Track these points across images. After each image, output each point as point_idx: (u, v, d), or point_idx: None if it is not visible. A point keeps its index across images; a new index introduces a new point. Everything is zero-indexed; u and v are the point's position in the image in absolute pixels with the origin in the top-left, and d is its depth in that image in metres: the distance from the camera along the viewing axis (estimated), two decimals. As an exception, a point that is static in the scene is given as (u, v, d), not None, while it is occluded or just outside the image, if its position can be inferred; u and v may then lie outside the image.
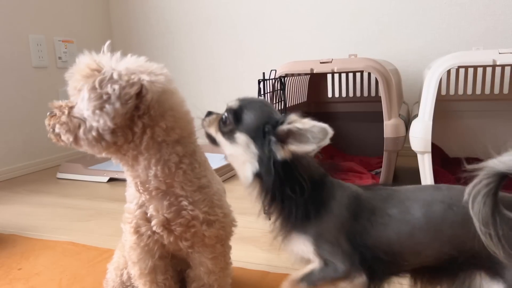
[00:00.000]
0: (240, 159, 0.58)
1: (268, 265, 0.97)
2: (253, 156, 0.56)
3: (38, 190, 1.74)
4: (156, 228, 0.67)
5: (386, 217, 0.56)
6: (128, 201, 0.71)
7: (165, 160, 0.65)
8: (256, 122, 0.57)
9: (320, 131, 0.51)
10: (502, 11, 1.81)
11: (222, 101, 0.65)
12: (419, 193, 0.59)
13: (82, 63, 0.62)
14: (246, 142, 0.57)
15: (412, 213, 0.55)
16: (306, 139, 0.52)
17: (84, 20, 2.40)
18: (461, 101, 1.77)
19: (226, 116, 0.59)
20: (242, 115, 0.58)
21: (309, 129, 0.52)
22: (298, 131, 0.52)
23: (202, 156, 0.71)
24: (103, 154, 0.66)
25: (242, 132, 0.57)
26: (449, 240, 0.54)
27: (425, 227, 0.55)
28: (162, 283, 0.73)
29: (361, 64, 1.32)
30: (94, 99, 0.60)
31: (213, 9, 2.33)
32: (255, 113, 0.58)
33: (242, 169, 0.58)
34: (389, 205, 0.57)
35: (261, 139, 0.56)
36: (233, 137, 0.58)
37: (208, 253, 0.72)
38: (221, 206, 0.73)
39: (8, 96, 1.97)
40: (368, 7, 2.02)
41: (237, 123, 0.58)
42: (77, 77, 0.62)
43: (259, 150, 0.56)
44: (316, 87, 2.02)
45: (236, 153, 0.58)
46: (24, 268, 1.01)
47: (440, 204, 0.55)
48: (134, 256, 0.71)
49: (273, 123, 0.56)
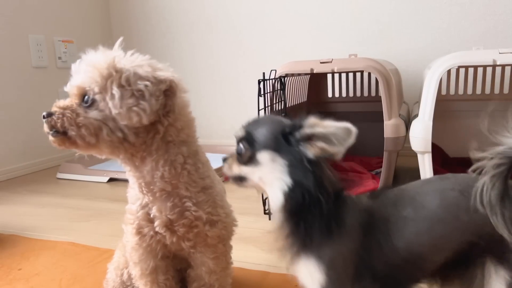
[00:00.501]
0: (269, 178, 0.54)
1: (268, 265, 0.97)
2: (282, 170, 0.52)
3: (38, 190, 1.74)
4: (159, 228, 0.67)
5: (401, 221, 0.54)
6: (130, 202, 0.71)
7: (172, 161, 0.65)
8: (271, 134, 0.54)
9: (344, 132, 0.50)
10: (503, 11, 1.81)
11: (222, 101, 0.65)
12: (427, 185, 0.58)
13: (98, 61, 0.60)
14: (270, 157, 0.53)
15: (427, 207, 0.54)
16: (330, 142, 0.50)
17: (84, 20, 2.40)
18: (461, 101, 1.77)
19: (240, 147, 0.56)
20: (254, 136, 0.55)
21: (333, 132, 0.50)
22: (322, 135, 0.50)
23: (204, 157, 0.71)
24: (120, 157, 0.64)
25: (262, 150, 0.54)
26: (467, 227, 0.53)
27: (443, 218, 0.53)
28: (163, 283, 0.73)
29: (361, 64, 1.31)
30: (128, 96, 0.58)
31: (213, 9, 2.33)
32: (265, 127, 0.55)
33: (273, 190, 0.53)
34: (401, 206, 0.55)
35: (285, 147, 0.53)
36: (255, 160, 0.54)
37: (210, 253, 0.71)
38: (223, 206, 0.73)
39: (8, 96, 1.97)
40: (368, 7, 2.02)
41: (253, 146, 0.54)
42: (94, 76, 0.59)
43: (287, 158, 0.52)
44: (316, 87, 2.02)
45: (264, 173, 0.54)
46: (24, 268, 1.01)
47: (451, 192, 0.54)
48: (135, 256, 0.71)
49: (290, 128, 0.53)
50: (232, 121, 2.39)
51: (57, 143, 0.62)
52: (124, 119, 0.59)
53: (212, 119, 2.39)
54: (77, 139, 0.60)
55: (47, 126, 0.61)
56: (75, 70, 0.62)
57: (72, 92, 0.62)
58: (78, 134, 0.60)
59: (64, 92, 0.64)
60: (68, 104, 0.61)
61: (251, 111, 1.39)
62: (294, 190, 0.51)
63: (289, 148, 0.52)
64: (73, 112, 0.60)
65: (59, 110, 0.61)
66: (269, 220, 1.23)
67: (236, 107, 2.36)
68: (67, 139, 0.61)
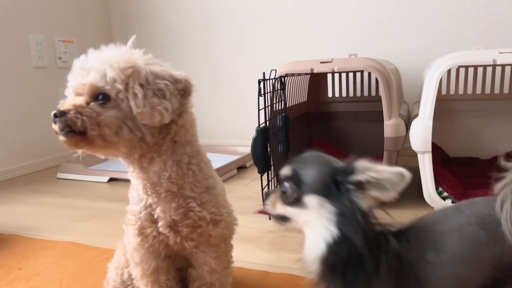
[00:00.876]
0: (315, 224, 0.51)
1: (268, 265, 0.97)
2: (329, 218, 0.49)
3: (38, 190, 1.74)
4: (163, 229, 0.66)
5: (426, 266, 0.51)
6: (132, 203, 0.70)
7: (178, 161, 0.65)
8: (321, 177, 0.51)
9: (398, 177, 0.47)
10: (503, 10, 1.81)
11: (222, 100, 0.65)
12: (445, 223, 0.55)
13: (114, 58, 0.59)
14: (318, 202, 0.50)
15: (448, 250, 0.52)
16: (384, 188, 0.48)
17: (84, 20, 2.40)
18: (461, 100, 1.77)
19: (286, 186, 0.52)
20: (301, 177, 0.51)
21: (387, 178, 0.47)
22: (376, 181, 0.48)
23: (206, 157, 0.72)
24: (130, 158, 0.62)
25: (310, 194, 0.51)
26: (489, 262, 0.52)
27: (466, 260, 0.52)
28: (164, 283, 0.72)
29: (361, 63, 1.31)
30: (150, 96, 0.58)
31: (214, 9, 2.33)
32: (314, 168, 0.52)
33: (315, 238, 0.50)
34: (424, 250, 0.52)
35: (335, 193, 0.49)
36: (302, 203, 0.51)
37: (212, 252, 0.71)
38: (225, 206, 0.73)
39: (8, 96, 1.97)
40: (368, 7, 2.02)
41: (300, 188, 0.51)
42: (112, 74, 0.58)
43: (337, 206, 0.49)
44: (316, 87, 2.02)
45: (310, 218, 0.51)
46: (25, 268, 1.01)
47: (469, 227, 0.52)
48: (137, 257, 0.71)
49: (340, 173, 0.50)
50: (232, 121, 2.39)
51: (69, 143, 0.59)
52: (146, 118, 0.58)
53: (212, 119, 2.39)
54: (96, 139, 0.58)
55: (60, 125, 0.57)
56: (82, 67, 0.60)
57: (81, 90, 0.59)
58: (100, 133, 0.57)
59: (63, 91, 0.64)
60: (82, 103, 0.58)
61: (251, 111, 1.40)
62: (340, 243, 0.48)
63: (339, 195, 0.49)
64: (93, 111, 0.57)
65: (73, 109, 0.57)
66: (269, 220, 1.23)
67: (236, 107, 2.37)
68: (83, 139, 0.58)
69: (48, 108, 0.63)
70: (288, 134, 1.40)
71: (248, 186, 1.67)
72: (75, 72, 0.61)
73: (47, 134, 0.64)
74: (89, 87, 0.58)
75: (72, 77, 0.61)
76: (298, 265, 0.56)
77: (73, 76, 0.61)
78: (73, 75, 0.61)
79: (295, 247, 1.07)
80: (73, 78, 0.61)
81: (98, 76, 0.58)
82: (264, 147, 1.20)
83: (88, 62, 0.60)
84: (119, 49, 0.62)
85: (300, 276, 0.91)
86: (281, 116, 1.38)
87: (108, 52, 0.61)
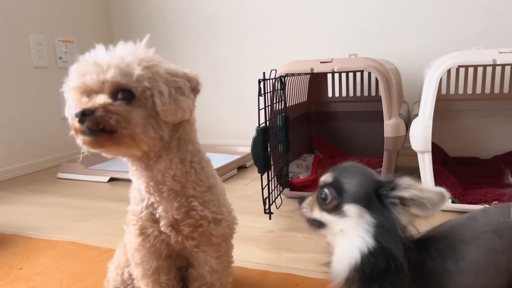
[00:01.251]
0: (351, 233, 0.52)
1: (268, 265, 0.97)
2: (367, 229, 0.50)
3: (38, 190, 1.74)
4: (164, 228, 0.66)
5: (446, 275, 0.52)
6: (133, 203, 0.69)
7: (182, 159, 0.65)
8: (363, 188, 0.52)
9: (438, 197, 0.48)
10: (503, 10, 1.81)
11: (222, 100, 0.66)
12: (461, 231, 0.56)
13: (136, 56, 0.58)
14: (359, 212, 0.51)
15: (467, 258, 0.52)
16: (423, 205, 0.49)
17: (85, 20, 2.41)
18: (461, 100, 1.77)
19: (326, 192, 0.53)
20: (344, 186, 0.52)
21: (430, 197, 0.48)
22: (418, 198, 0.49)
23: (206, 155, 0.72)
24: (145, 156, 0.62)
25: (351, 203, 0.52)
26: (507, 269, 0.52)
27: (484, 268, 0.52)
28: (165, 283, 0.72)
29: (361, 63, 1.32)
30: (174, 93, 0.59)
31: (214, 9, 2.33)
32: (357, 178, 0.53)
33: (350, 247, 0.51)
34: (443, 259, 0.53)
35: (377, 205, 0.51)
36: (341, 211, 0.52)
37: (213, 252, 0.71)
38: (225, 205, 0.73)
39: (8, 96, 1.98)
40: (368, 7, 2.02)
41: (341, 196, 0.52)
42: (136, 71, 0.57)
43: (377, 218, 0.50)
44: (316, 87, 2.02)
45: (347, 227, 0.52)
46: (25, 268, 1.01)
47: (485, 235, 0.53)
48: (138, 257, 0.70)
49: (384, 187, 0.51)
50: (232, 121, 2.39)
51: (94, 143, 0.57)
52: (169, 115, 0.58)
53: (212, 118, 2.40)
54: (126, 138, 0.56)
55: (89, 124, 0.55)
56: (98, 63, 0.57)
57: (97, 87, 0.57)
58: (131, 132, 0.56)
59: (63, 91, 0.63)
60: (108, 101, 0.56)
61: (251, 110, 1.40)
62: (375, 254, 0.49)
63: (380, 208, 0.51)
64: (123, 109, 0.56)
65: (100, 107, 0.55)
66: (269, 220, 1.23)
67: (236, 107, 2.37)
68: (111, 138, 0.56)
69: (48, 108, 0.62)
70: (288, 134, 1.41)
71: (248, 186, 1.67)
72: (89, 69, 0.58)
73: (48, 134, 0.64)
74: (111, 85, 0.57)
75: (79, 74, 0.58)
76: (322, 269, 0.57)
77: (80, 73, 0.58)
78: (80, 72, 0.58)
79: (295, 247, 1.07)
80: (82, 75, 0.58)
81: (120, 73, 0.57)
82: (264, 147, 1.20)
83: (103, 58, 0.58)
84: (133, 47, 0.61)
85: (300, 275, 0.91)
86: (281, 116, 1.38)
87: (123, 49, 0.60)
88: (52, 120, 2.14)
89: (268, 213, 1.21)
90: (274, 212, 1.27)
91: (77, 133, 0.57)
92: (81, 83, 0.58)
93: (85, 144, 0.58)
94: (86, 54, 0.61)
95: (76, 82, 0.59)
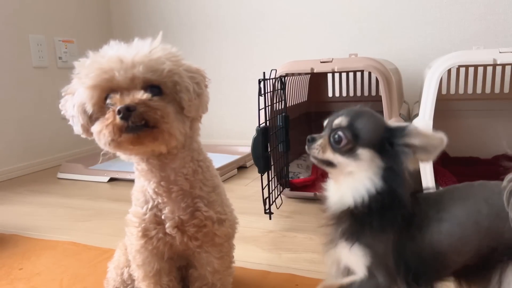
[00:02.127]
0: (361, 175, 0.55)
1: (268, 265, 0.97)
2: (376, 172, 0.54)
3: (39, 190, 1.74)
4: (170, 230, 0.66)
5: (427, 220, 0.56)
6: (136, 205, 0.68)
7: (192, 157, 0.65)
8: (376, 135, 0.55)
9: (439, 141, 0.53)
10: (503, 10, 1.81)
11: (222, 100, 0.66)
12: (456, 192, 0.60)
13: (164, 52, 0.58)
14: (371, 156, 0.54)
15: (449, 210, 0.56)
16: (427, 150, 0.53)
17: (85, 20, 2.41)
18: (462, 100, 1.77)
19: (341, 135, 0.56)
20: (358, 130, 0.55)
21: (433, 142, 0.53)
22: (423, 145, 0.53)
23: (207, 155, 0.72)
24: (174, 152, 0.62)
25: (365, 147, 0.55)
26: (488, 232, 0.54)
27: (463, 222, 0.55)
28: (166, 284, 0.72)
29: (361, 63, 1.32)
30: (198, 88, 0.60)
31: (214, 9, 2.33)
32: (370, 125, 0.56)
33: (359, 187, 0.55)
34: (429, 207, 0.57)
35: (387, 150, 0.54)
36: (355, 154, 0.55)
37: (216, 252, 0.71)
38: (227, 205, 0.73)
39: (8, 96, 1.97)
40: (369, 7, 2.02)
41: (355, 139, 0.55)
42: (165, 67, 0.57)
43: (386, 162, 0.54)
44: (317, 87, 2.02)
45: (359, 170, 0.55)
46: (25, 268, 1.01)
47: (474, 198, 0.57)
48: (139, 259, 0.70)
49: (396, 134, 0.55)
50: (232, 121, 2.39)
51: (136, 139, 0.55)
52: (193, 111, 0.59)
53: (212, 118, 2.39)
54: (164, 133, 0.56)
55: (135, 119, 0.54)
56: (122, 59, 0.56)
57: (125, 83, 0.56)
58: (170, 127, 0.56)
59: None
60: (149, 96, 0.55)
61: (251, 110, 1.40)
62: (383, 194, 0.54)
63: (391, 153, 0.54)
64: (162, 104, 0.56)
65: (141, 103, 0.54)
66: (269, 220, 1.23)
67: (236, 107, 2.37)
68: (150, 133, 0.56)
69: (48, 108, 0.62)
70: (288, 134, 1.41)
71: (248, 186, 1.67)
72: (115, 65, 0.56)
73: (48, 134, 0.63)
74: (143, 80, 0.56)
75: (100, 72, 0.56)
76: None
77: (102, 71, 0.56)
78: (101, 69, 0.56)
79: (296, 247, 1.07)
80: (105, 72, 0.56)
81: (150, 69, 0.56)
82: (265, 147, 1.20)
83: (128, 54, 0.57)
84: (154, 43, 0.60)
85: (301, 275, 0.91)
86: (282, 116, 1.38)
87: (144, 46, 0.59)
88: (52, 120, 2.14)
89: (268, 213, 1.21)
90: (275, 212, 1.27)
91: (115, 132, 0.55)
92: (106, 80, 0.57)
93: (125, 143, 0.56)
94: (101, 51, 0.60)
95: (98, 79, 0.57)
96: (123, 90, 0.56)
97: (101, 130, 0.56)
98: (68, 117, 0.62)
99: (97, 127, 0.57)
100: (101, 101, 0.58)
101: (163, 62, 0.57)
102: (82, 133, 0.62)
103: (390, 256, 0.55)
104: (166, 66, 0.57)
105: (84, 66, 0.58)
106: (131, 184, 0.72)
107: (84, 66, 0.58)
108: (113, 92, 0.57)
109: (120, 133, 0.55)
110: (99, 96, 0.58)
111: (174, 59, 0.59)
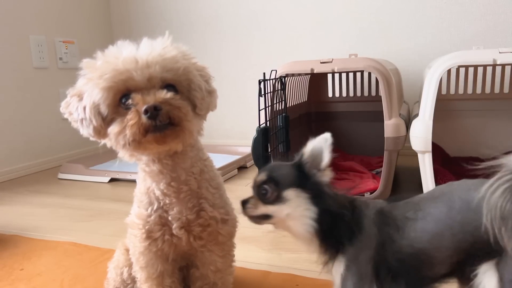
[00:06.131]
0: (297, 211, 0.60)
1: (269, 265, 0.97)
2: (307, 202, 0.59)
3: (39, 190, 1.74)
4: (177, 231, 0.65)
5: (404, 220, 0.59)
6: (140, 206, 0.67)
7: (199, 157, 0.66)
8: (291, 173, 0.61)
9: (321, 142, 0.60)
10: (503, 10, 1.81)
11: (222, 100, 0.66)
12: (432, 192, 0.63)
13: (179, 52, 0.59)
14: (296, 193, 0.60)
15: (423, 209, 0.58)
16: (320, 156, 0.60)
17: (85, 21, 2.41)
18: (462, 100, 1.77)
19: (266, 188, 0.61)
20: (277, 178, 0.61)
21: (314, 151, 0.60)
22: (314, 157, 0.60)
23: (208, 154, 0.72)
24: (187, 150, 0.63)
25: (288, 189, 0.60)
26: (462, 226, 0.55)
27: (436, 218, 0.57)
28: (168, 286, 0.72)
29: (361, 63, 1.32)
30: (208, 86, 0.61)
31: (214, 9, 2.33)
32: (284, 171, 0.62)
33: (301, 221, 0.60)
34: (406, 208, 0.60)
35: (304, 181, 0.60)
36: (282, 198, 0.60)
37: (219, 251, 0.71)
38: (229, 203, 0.74)
39: (9, 97, 1.98)
40: (369, 7, 2.02)
41: (277, 186, 0.61)
42: (181, 67, 0.57)
43: (309, 191, 0.59)
44: (317, 87, 2.02)
45: (292, 209, 0.60)
46: (26, 269, 1.01)
47: (448, 195, 0.58)
48: (143, 261, 0.69)
49: (301, 165, 0.61)
50: (233, 121, 2.39)
51: (160, 138, 0.56)
52: (204, 109, 0.60)
53: (212, 119, 2.37)
54: (186, 131, 0.57)
55: (162, 118, 0.54)
56: (138, 59, 0.56)
57: (143, 83, 0.56)
58: (191, 125, 0.57)
59: (64, 92, 0.62)
60: (171, 95, 0.56)
61: (252, 111, 1.40)
62: (322, 215, 0.59)
63: (307, 181, 0.60)
64: (182, 102, 0.56)
65: (165, 102, 0.55)
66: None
67: (236, 107, 2.37)
68: (174, 132, 0.56)
69: (49, 109, 0.62)
70: (288, 134, 1.41)
71: (248, 186, 1.66)
72: (131, 66, 0.56)
73: (48, 135, 0.63)
74: (161, 80, 0.57)
75: (116, 73, 0.56)
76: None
77: (118, 72, 0.56)
78: (117, 71, 0.56)
79: (296, 247, 1.07)
80: (121, 73, 0.56)
81: (166, 68, 0.57)
82: (265, 147, 1.21)
83: (143, 54, 0.57)
84: (164, 42, 0.61)
85: (301, 275, 0.91)
86: (282, 116, 1.38)
87: (156, 45, 0.60)
88: (53, 121, 2.14)
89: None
90: (275, 212, 1.27)
91: (141, 131, 0.55)
92: (122, 81, 0.56)
93: (148, 142, 0.56)
94: (108, 51, 0.59)
95: (114, 80, 0.56)
96: (141, 90, 0.56)
97: (121, 131, 0.56)
98: (74, 120, 0.60)
99: (115, 128, 0.56)
100: (115, 102, 0.57)
101: (177, 61, 0.57)
102: (94, 135, 0.60)
103: (370, 264, 0.58)
104: (181, 65, 0.57)
105: (95, 67, 0.57)
106: (132, 184, 0.71)
107: (96, 67, 0.57)
108: (128, 92, 0.57)
109: (146, 133, 0.55)
110: (114, 97, 0.57)
111: (187, 58, 0.59)
